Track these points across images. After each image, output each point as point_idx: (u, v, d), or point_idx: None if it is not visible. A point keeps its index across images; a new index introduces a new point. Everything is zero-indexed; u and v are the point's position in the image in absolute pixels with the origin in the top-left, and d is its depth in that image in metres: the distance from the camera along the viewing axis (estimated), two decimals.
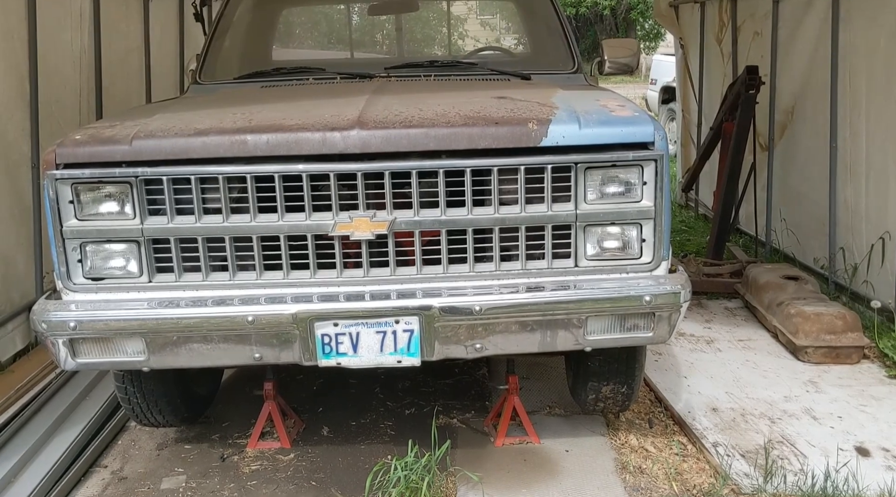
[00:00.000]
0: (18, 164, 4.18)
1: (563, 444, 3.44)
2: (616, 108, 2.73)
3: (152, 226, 2.58)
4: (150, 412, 3.23)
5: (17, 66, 4.06)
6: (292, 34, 4.99)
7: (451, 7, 6.61)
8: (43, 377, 3.80)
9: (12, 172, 4.15)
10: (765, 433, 3.49)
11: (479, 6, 7.78)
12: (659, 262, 2.68)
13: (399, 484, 2.85)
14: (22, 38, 4.08)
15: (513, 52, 4.71)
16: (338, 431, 3.59)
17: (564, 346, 2.70)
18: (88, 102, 4.95)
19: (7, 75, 3.99)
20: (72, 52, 4.70)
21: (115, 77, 5.28)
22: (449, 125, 2.57)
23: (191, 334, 2.56)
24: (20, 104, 4.13)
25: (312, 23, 5.18)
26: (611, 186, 2.63)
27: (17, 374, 3.84)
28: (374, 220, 2.58)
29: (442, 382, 4.06)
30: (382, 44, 5.43)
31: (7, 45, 3.97)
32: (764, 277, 5.00)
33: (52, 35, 4.43)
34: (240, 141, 2.53)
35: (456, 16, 7.95)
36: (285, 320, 2.56)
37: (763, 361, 4.33)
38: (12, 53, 4.02)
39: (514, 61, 4.35)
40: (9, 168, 4.12)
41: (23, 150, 4.19)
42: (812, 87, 5.36)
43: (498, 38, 7.01)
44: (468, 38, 6.79)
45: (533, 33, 4.55)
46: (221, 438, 3.55)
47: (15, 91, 4.07)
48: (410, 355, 2.63)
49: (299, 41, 5.11)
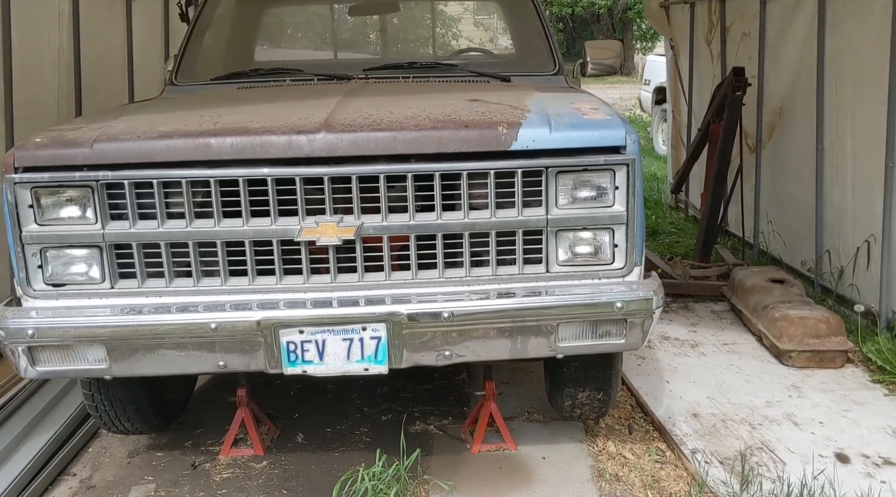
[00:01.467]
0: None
1: (540, 450, 3.39)
2: (589, 111, 2.69)
3: (114, 231, 2.53)
4: (119, 420, 3.18)
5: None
6: (275, 34, 4.95)
7: (446, 7, 6.57)
8: (15, 383, 3.74)
9: None
10: (745, 439, 3.45)
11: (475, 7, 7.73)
12: (631, 267, 2.64)
13: (367, 494, 2.80)
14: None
15: (495, 53, 4.66)
16: (313, 438, 3.54)
17: (536, 353, 2.66)
18: (68, 103, 4.88)
19: None
20: (50, 51, 4.64)
21: (96, 77, 5.21)
22: (418, 128, 2.53)
23: (153, 342, 2.51)
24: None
25: (295, 23, 5.13)
26: (582, 191, 2.59)
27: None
28: (342, 225, 2.53)
29: (421, 388, 4.01)
30: (367, 44, 5.38)
31: None
32: (750, 280, 4.96)
33: (30, 34, 4.37)
34: (203, 144, 2.48)
35: (450, 16, 7.91)
36: (249, 328, 2.51)
37: (747, 365, 4.28)
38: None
39: (497, 63, 4.31)
40: None
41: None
42: (800, 88, 5.32)
43: (492, 38, 6.96)
44: (462, 38, 6.75)
45: (515, 34, 4.51)
46: (194, 445, 3.50)
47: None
48: (378, 363, 2.58)
49: (283, 41, 5.07)
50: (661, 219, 7.81)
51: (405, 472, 2.96)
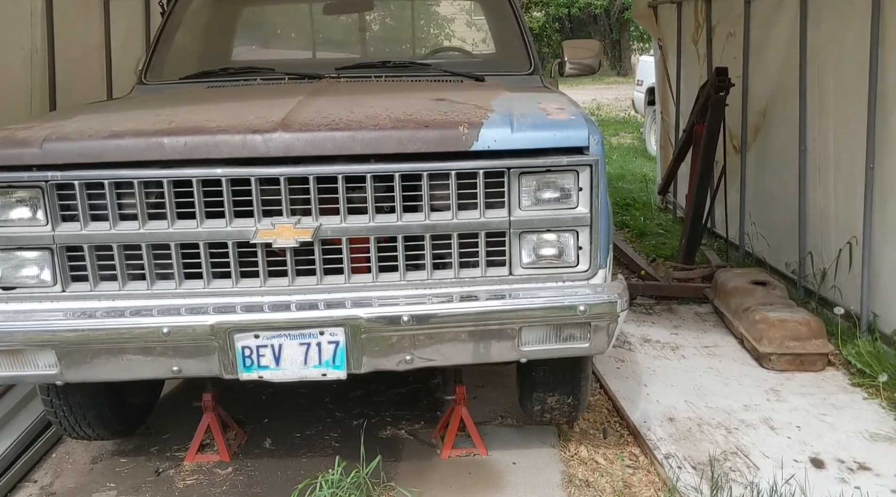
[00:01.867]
0: None
1: (511, 455, 3.34)
2: (553, 111, 2.63)
3: (65, 232, 2.47)
4: (79, 426, 3.12)
5: None
6: (252, 33, 4.88)
7: (439, 7, 6.51)
8: None
9: None
10: (719, 444, 3.40)
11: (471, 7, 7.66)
12: (596, 270, 2.58)
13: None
14: None
15: (473, 52, 4.60)
16: (281, 444, 3.48)
17: (500, 357, 2.60)
18: (41, 103, 4.82)
19: None
20: (21, 50, 4.58)
21: (72, 78, 5.14)
22: (377, 128, 2.47)
23: (105, 347, 2.45)
24: None
25: (273, 22, 5.06)
26: (546, 192, 2.53)
27: None
28: (299, 226, 2.47)
29: (394, 392, 3.95)
30: (348, 44, 5.32)
31: None
32: (732, 282, 4.91)
33: (1, 34, 4.31)
34: (156, 144, 2.42)
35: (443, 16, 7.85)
36: (203, 332, 2.45)
37: (727, 369, 4.23)
38: None
39: (473, 62, 4.25)
40: None
41: None
42: (784, 88, 5.27)
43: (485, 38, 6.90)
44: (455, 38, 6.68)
45: (492, 34, 4.45)
46: (160, 451, 3.44)
47: None
48: (336, 368, 2.53)
49: (261, 40, 5.00)
50: (649, 220, 7.77)
51: (368, 479, 2.90)
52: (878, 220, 4.20)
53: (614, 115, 17.65)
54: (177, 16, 4.09)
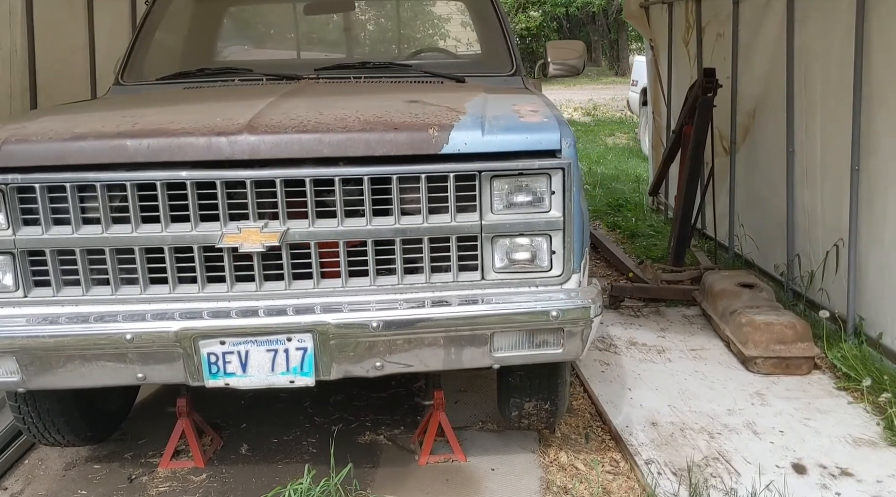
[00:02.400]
0: None
1: (490, 461, 3.29)
2: (527, 114, 2.58)
3: (26, 236, 2.42)
4: (49, 432, 3.07)
5: None
6: (233, 33, 4.84)
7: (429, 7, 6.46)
8: None
9: None
10: (701, 449, 3.35)
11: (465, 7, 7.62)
12: (569, 274, 2.54)
13: None
14: None
15: (456, 53, 4.56)
16: (257, 449, 3.44)
17: (472, 363, 2.56)
18: (23, 104, 4.77)
19: None
20: (0, 51, 4.52)
21: (55, 78, 5.09)
22: (345, 130, 2.43)
23: (66, 353, 2.41)
24: None
25: (255, 22, 5.02)
26: (518, 196, 2.48)
27: None
28: (265, 230, 2.42)
29: (376, 396, 3.90)
30: (333, 44, 5.27)
31: None
32: (719, 285, 4.86)
33: None
34: (119, 146, 2.38)
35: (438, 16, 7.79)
36: (167, 338, 2.40)
37: (712, 372, 4.19)
38: None
39: (455, 63, 4.20)
40: None
41: None
42: (772, 89, 5.22)
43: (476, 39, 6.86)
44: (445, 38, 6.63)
45: (476, 34, 4.41)
46: (134, 457, 3.39)
47: None
48: (304, 375, 2.48)
49: (243, 41, 4.96)
50: (640, 221, 7.72)
51: (341, 487, 2.86)
52: (863, 223, 4.15)
53: (610, 116, 17.61)
54: (156, 15, 4.05)
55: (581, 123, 16.19)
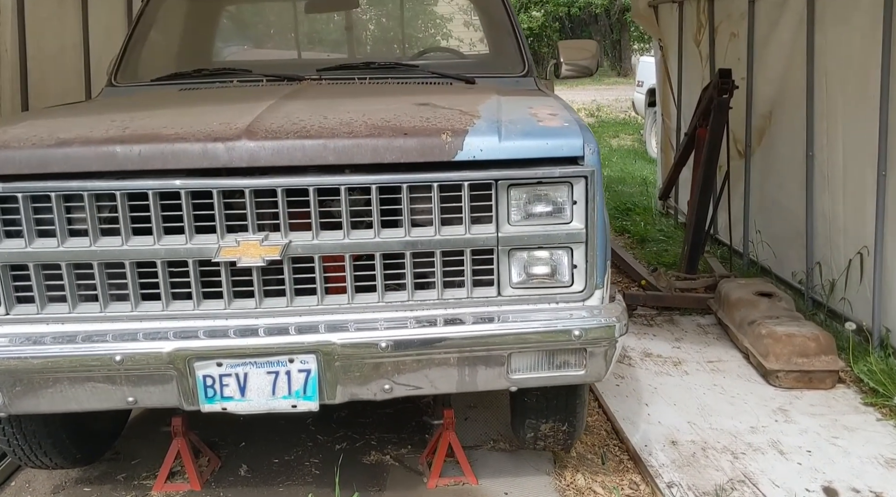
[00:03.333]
0: None
1: (502, 484, 3.12)
2: (545, 118, 2.41)
3: (7, 249, 2.24)
4: (35, 455, 2.89)
5: None
6: (233, 32, 4.67)
7: (435, 6, 6.28)
8: None
9: None
10: (725, 471, 3.18)
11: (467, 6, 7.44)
12: (592, 290, 2.36)
13: None
14: None
15: (463, 53, 4.38)
16: (257, 470, 3.26)
17: (487, 385, 2.38)
18: (13, 105, 4.60)
19: None
20: None
21: (47, 77, 4.92)
22: (351, 136, 2.25)
23: (50, 376, 2.23)
24: None
25: (255, 20, 4.84)
26: (537, 206, 2.31)
27: None
28: (266, 243, 2.25)
29: (382, 412, 3.72)
30: (335, 44, 5.09)
31: None
32: (736, 294, 4.69)
33: None
34: (108, 152, 2.20)
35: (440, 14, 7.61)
36: (160, 360, 2.22)
37: (732, 386, 4.01)
38: None
39: (464, 64, 4.03)
40: None
41: None
42: (789, 91, 5.05)
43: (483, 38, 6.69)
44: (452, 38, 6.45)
45: (485, 34, 4.24)
46: (127, 479, 3.21)
47: None
48: (307, 399, 2.30)
49: (241, 40, 4.78)
50: (650, 226, 7.55)
51: None
52: (890, 230, 3.98)
53: (614, 117, 17.43)
54: (151, 13, 3.87)
55: None
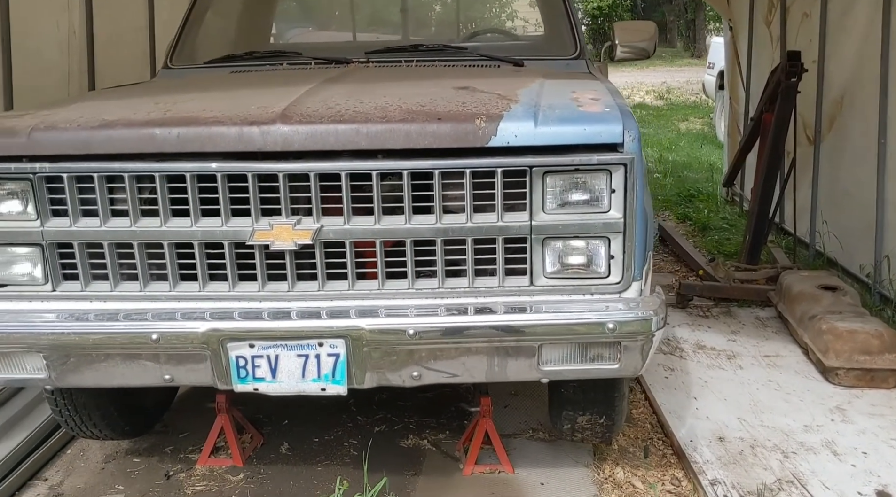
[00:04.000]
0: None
1: (539, 475, 3.09)
2: (587, 103, 2.34)
3: (54, 228, 2.31)
4: (85, 426, 3.00)
5: None
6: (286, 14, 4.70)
7: None
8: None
9: None
10: (774, 470, 3.07)
11: None
12: (629, 282, 2.29)
13: None
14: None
15: (517, 35, 4.31)
16: (297, 449, 3.31)
17: (517, 376, 2.34)
18: (80, 87, 4.74)
19: None
20: (57, 34, 4.50)
21: (113, 60, 5.06)
22: (385, 121, 2.23)
23: (91, 352, 2.30)
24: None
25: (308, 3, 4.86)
26: (574, 194, 2.25)
27: None
28: (298, 227, 2.26)
29: (422, 396, 3.73)
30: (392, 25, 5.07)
31: None
32: (797, 286, 4.51)
33: (32, 17, 4.23)
34: (147, 135, 2.24)
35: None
36: (195, 340, 2.27)
37: (788, 382, 3.87)
38: None
39: (515, 46, 3.96)
40: None
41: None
42: (863, 75, 4.80)
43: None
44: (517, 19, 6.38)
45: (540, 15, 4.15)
46: (174, 452, 3.31)
47: None
48: (336, 383, 2.32)
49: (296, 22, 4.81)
50: (713, 213, 7.33)
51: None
52: None
53: (684, 99, 16.98)
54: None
55: (653, 107, 15.64)
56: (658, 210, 7.81)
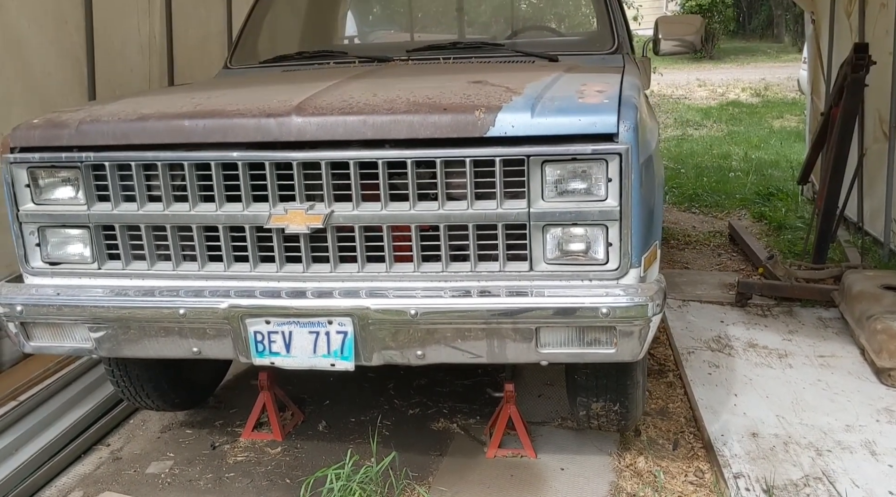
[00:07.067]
0: None
1: (561, 461, 3.15)
2: (590, 94, 2.39)
3: (98, 212, 2.56)
4: (139, 396, 3.27)
5: (72, 51, 4.21)
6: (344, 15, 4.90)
7: None
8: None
9: None
10: (803, 467, 3.01)
11: None
12: (626, 269, 2.34)
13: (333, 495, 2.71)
14: (76, 23, 4.22)
15: (559, 32, 4.35)
16: (334, 427, 3.49)
17: (516, 358, 2.43)
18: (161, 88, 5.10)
19: (61, 60, 4.14)
20: (139, 37, 4.85)
21: (191, 64, 5.41)
22: (390, 112, 2.36)
23: (132, 325, 2.54)
24: (77, 89, 4.28)
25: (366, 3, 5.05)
26: (571, 183, 2.31)
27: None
28: (310, 212, 2.42)
29: (460, 383, 3.85)
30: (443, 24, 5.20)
31: (61, 30, 4.12)
32: (858, 286, 4.36)
33: (115, 20, 4.57)
34: (177, 126, 2.46)
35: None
36: (217, 315, 2.47)
37: (838, 382, 3.76)
38: (67, 38, 4.16)
39: (557, 42, 4.01)
40: None
41: None
42: None
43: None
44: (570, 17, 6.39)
45: (577, 10, 4.19)
46: (223, 425, 3.55)
47: (70, 76, 4.22)
48: (344, 359, 2.46)
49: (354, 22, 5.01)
50: (791, 212, 7.11)
51: (392, 475, 2.83)
52: None
53: (782, 96, 16.32)
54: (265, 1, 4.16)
55: (747, 105, 15.13)
56: (734, 209, 7.63)
